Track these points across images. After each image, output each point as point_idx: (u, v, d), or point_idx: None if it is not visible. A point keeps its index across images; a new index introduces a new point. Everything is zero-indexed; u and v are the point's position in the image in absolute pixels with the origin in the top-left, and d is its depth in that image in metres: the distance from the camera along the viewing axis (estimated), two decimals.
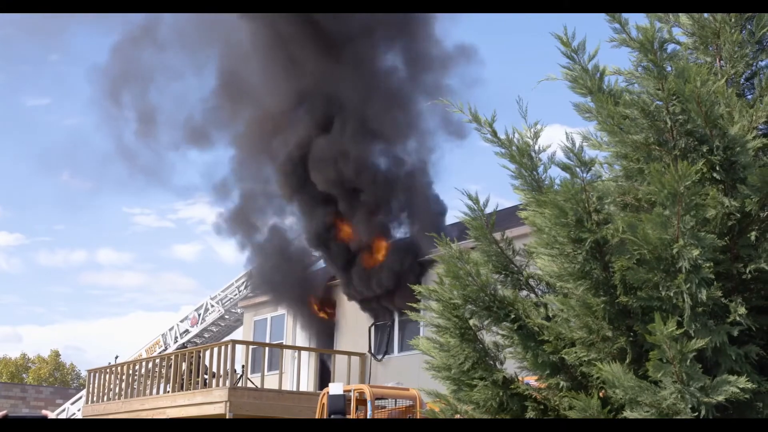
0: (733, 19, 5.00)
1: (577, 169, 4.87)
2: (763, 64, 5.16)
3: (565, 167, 4.92)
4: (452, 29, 43.29)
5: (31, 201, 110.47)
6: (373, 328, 25.39)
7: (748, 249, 4.47)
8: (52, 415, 3.84)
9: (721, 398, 4.15)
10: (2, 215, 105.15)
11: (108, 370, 28.91)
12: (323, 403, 17.21)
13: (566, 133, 4.99)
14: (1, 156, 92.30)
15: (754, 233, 4.46)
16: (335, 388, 16.97)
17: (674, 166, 4.09)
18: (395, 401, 17.53)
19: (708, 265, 4.16)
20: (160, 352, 30.88)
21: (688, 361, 4.11)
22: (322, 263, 28.44)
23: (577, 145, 4.93)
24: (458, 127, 23.94)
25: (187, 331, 33.19)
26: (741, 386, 4.11)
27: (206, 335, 32.75)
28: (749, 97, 5.06)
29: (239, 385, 24.16)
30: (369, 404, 16.67)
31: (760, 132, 4.80)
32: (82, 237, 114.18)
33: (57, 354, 77.56)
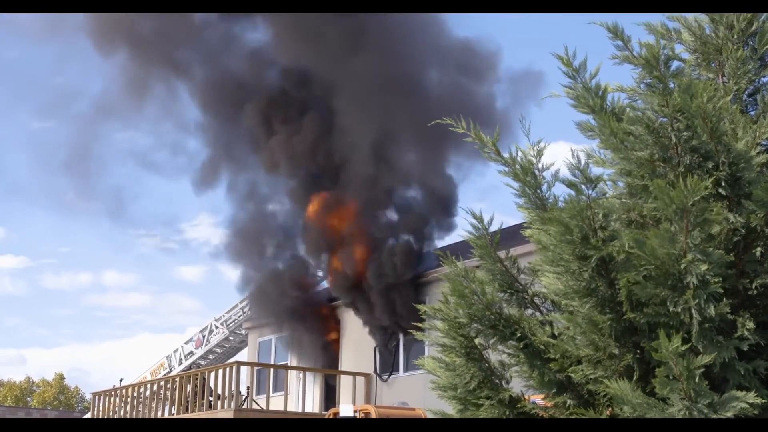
0: (735, 36, 5.03)
1: (583, 186, 4.86)
2: (765, 80, 5.19)
3: (570, 184, 4.91)
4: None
5: (35, 223, 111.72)
6: (377, 349, 25.39)
7: (754, 264, 4.47)
8: None
9: (729, 414, 4.13)
10: (6, 237, 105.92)
11: (113, 393, 29.04)
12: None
13: (572, 150, 4.99)
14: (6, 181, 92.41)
15: (759, 249, 4.47)
16: (346, 409, 17.06)
17: (682, 181, 4.09)
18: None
19: (716, 280, 4.15)
20: (164, 374, 30.95)
21: (696, 377, 4.09)
22: (323, 285, 28.53)
23: (582, 162, 4.94)
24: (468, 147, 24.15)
25: (191, 353, 33.27)
26: (750, 402, 4.11)
27: (211, 357, 32.79)
28: (752, 113, 5.08)
29: (244, 406, 24.24)
30: None
31: (763, 148, 4.80)
32: (86, 259, 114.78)
33: (61, 377, 77.95)
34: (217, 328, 33.00)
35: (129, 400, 28.00)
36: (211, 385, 24.41)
